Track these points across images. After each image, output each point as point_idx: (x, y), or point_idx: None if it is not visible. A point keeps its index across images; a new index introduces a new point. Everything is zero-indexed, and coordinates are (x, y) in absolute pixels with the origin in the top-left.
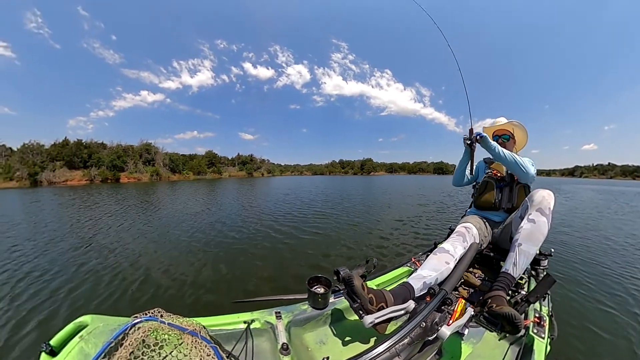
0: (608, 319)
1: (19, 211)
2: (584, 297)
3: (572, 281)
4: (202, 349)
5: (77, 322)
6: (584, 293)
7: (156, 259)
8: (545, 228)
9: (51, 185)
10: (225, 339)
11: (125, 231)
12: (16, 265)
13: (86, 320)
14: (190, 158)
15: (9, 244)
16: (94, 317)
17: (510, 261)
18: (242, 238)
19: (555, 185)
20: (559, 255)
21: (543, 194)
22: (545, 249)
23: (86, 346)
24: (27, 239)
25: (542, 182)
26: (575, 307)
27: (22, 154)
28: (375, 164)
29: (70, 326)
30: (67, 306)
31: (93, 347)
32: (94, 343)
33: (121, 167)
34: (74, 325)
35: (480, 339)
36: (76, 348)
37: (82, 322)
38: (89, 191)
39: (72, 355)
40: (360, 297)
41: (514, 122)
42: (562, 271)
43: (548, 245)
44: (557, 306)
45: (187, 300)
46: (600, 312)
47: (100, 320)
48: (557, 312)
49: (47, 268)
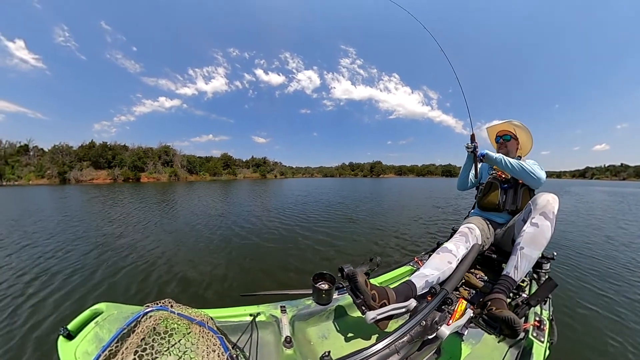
0: (612, 325)
1: (52, 206)
2: (586, 302)
3: (574, 285)
4: (209, 339)
5: (93, 309)
6: (587, 298)
7: (172, 252)
8: (549, 232)
9: (78, 183)
10: (231, 330)
11: (146, 226)
12: (61, 254)
13: (101, 308)
14: (206, 160)
15: (47, 234)
16: (108, 305)
17: (511, 264)
18: (254, 234)
19: (565, 187)
20: (562, 259)
21: (547, 198)
22: (547, 252)
23: (101, 331)
24: (59, 232)
25: (552, 185)
26: (577, 311)
27: (53, 154)
28: (384, 166)
29: (86, 312)
30: (85, 291)
31: (107, 333)
32: (108, 329)
33: (141, 167)
34: (90, 311)
35: (479, 340)
36: (91, 333)
37: (98, 309)
38: (113, 189)
39: (88, 339)
40: (363, 293)
41: (513, 122)
42: (564, 275)
43: (550, 248)
44: (558, 310)
45: (197, 292)
46: (603, 317)
47: (115, 308)
48: (557, 317)
49: (78, 256)
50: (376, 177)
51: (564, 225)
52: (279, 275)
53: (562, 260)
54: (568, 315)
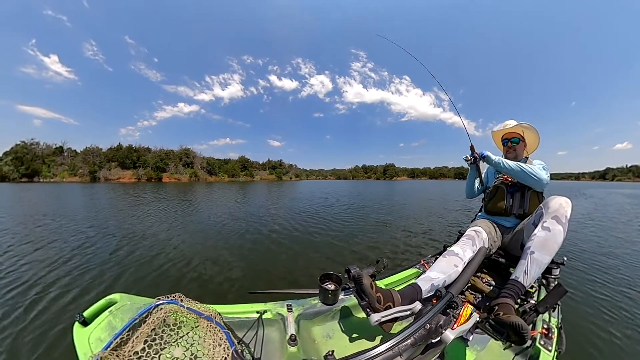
0: (627, 340)
1: (89, 203)
2: (599, 312)
3: (586, 293)
4: (216, 333)
5: (108, 299)
6: (600, 307)
7: (188, 248)
8: (561, 237)
9: (107, 181)
10: (238, 326)
11: (168, 223)
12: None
13: (115, 298)
14: (224, 162)
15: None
16: (122, 296)
17: (521, 269)
18: (268, 233)
19: (582, 189)
20: (573, 264)
21: (560, 201)
22: (557, 257)
23: (114, 320)
24: (95, 225)
25: (567, 187)
26: (588, 320)
27: (84, 155)
28: (397, 169)
29: (101, 302)
30: (102, 281)
31: (120, 322)
32: (120, 318)
33: (163, 168)
34: (105, 301)
35: (484, 346)
36: (105, 321)
37: (112, 299)
38: (137, 188)
39: (101, 327)
40: (368, 295)
41: (523, 124)
42: (575, 281)
43: (561, 253)
44: (567, 318)
45: (208, 287)
46: (617, 330)
47: (128, 299)
48: (567, 325)
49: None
50: (389, 179)
51: (577, 229)
52: (287, 275)
53: (574, 266)
54: (578, 325)
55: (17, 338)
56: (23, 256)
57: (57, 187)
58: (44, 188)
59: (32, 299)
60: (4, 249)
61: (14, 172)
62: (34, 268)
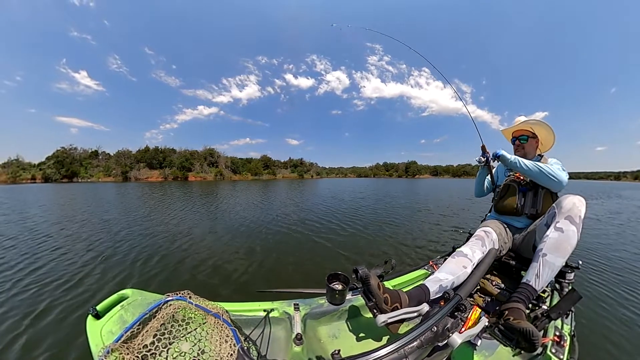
0: None
1: (123, 199)
2: (616, 320)
3: (602, 300)
4: (223, 330)
5: (120, 294)
6: (616, 316)
7: (203, 245)
8: (575, 238)
9: (137, 181)
10: (245, 324)
11: (190, 219)
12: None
13: (127, 293)
14: (247, 161)
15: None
16: (134, 291)
17: (532, 272)
18: (284, 232)
19: (615, 190)
20: (589, 269)
21: (573, 200)
22: (572, 261)
23: (125, 314)
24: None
25: (599, 187)
26: (604, 329)
27: (117, 157)
28: (419, 166)
29: (114, 296)
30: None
31: (131, 316)
32: (132, 312)
33: (189, 167)
34: (117, 295)
35: (493, 352)
36: (117, 315)
37: (124, 294)
38: (165, 187)
39: (113, 320)
40: (375, 296)
41: (530, 120)
42: (591, 287)
43: (576, 257)
44: (581, 326)
45: (216, 284)
46: (635, 341)
47: (139, 294)
48: (580, 333)
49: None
50: (411, 177)
51: (596, 231)
52: (296, 274)
53: (591, 270)
54: (592, 333)
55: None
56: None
57: (95, 187)
58: (83, 187)
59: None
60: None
61: (56, 173)
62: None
